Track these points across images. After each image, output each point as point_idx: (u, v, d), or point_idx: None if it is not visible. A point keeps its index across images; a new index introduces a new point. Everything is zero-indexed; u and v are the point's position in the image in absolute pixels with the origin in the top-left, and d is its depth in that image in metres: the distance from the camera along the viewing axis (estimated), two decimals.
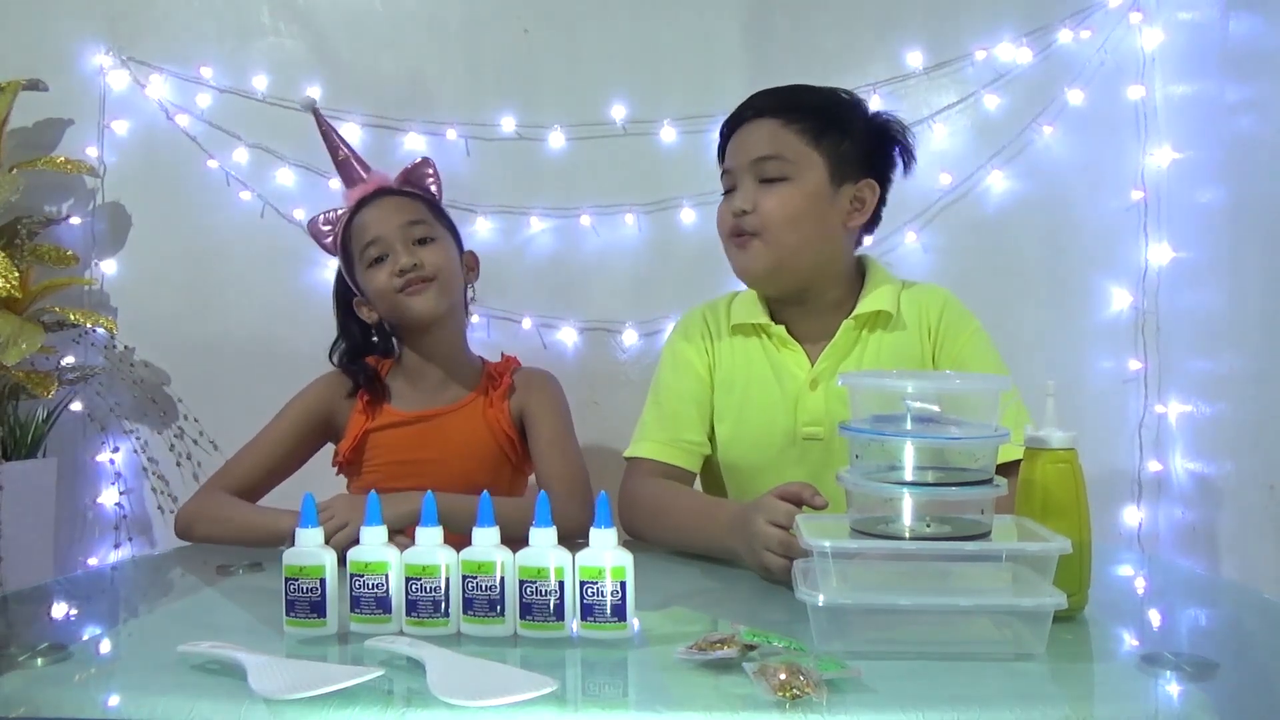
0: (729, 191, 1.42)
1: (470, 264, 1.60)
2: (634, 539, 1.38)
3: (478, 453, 1.52)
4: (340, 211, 1.57)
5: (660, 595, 1.12)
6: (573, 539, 0.95)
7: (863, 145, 1.40)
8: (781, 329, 1.43)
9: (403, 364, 1.57)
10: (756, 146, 1.38)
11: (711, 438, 1.45)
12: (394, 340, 1.59)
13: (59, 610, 1.17)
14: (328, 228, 1.57)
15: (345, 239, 1.54)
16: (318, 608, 0.92)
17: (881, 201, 1.44)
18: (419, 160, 1.59)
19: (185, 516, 1.44)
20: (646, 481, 1.39)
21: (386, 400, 1.54)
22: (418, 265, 1.47)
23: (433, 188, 1.59)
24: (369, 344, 1.59)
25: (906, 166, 1.45)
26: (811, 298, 1.42)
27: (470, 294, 1.62)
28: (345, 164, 1.59)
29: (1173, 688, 0.81)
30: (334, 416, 1.55)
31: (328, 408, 1.55)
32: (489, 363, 1.60)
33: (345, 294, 1.58)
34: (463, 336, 1.59)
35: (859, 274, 1.46)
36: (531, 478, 1.60)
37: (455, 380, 1.55)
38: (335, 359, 1.58)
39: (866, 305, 1.41)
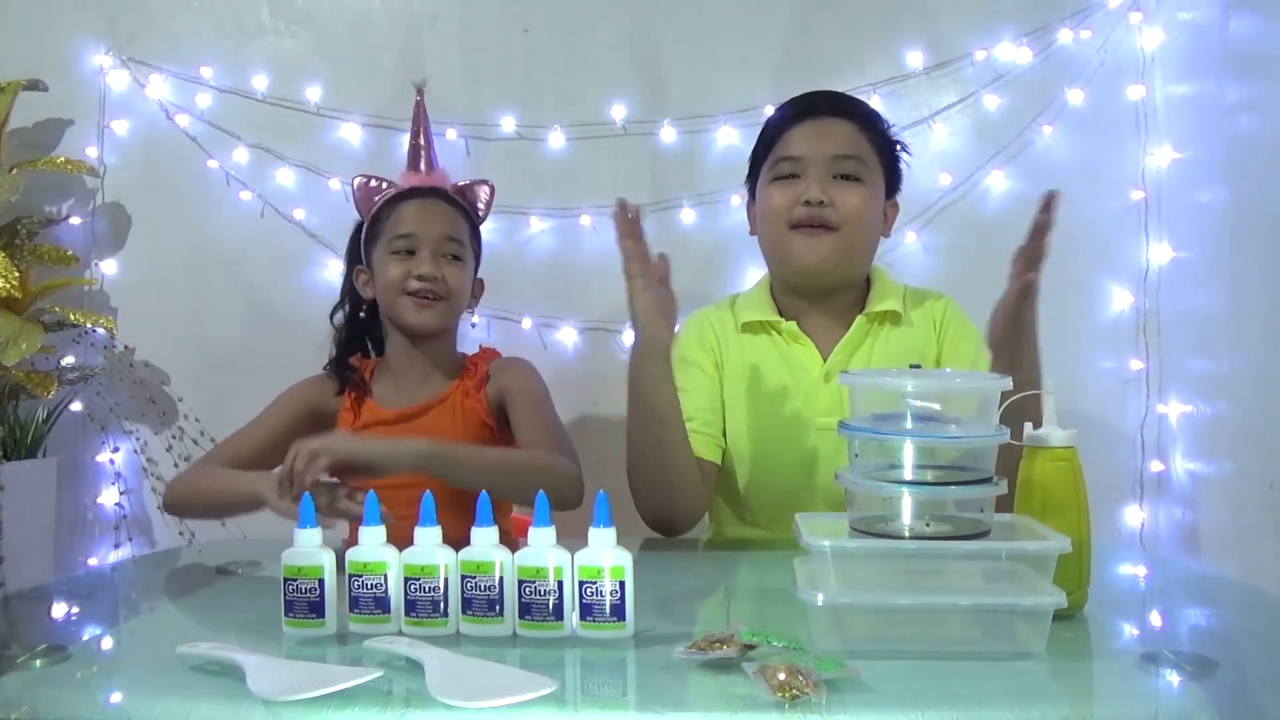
0: (783, 179, 1.43)
1: (476, 291, 1.63)
2: (660, 529, 1.38)
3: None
4: (388, 185, 1.58)
5: (660, 594, 1.12)
6: (567, 489, 0.98)
7: (895, 167, 1.49)
8: (793, 325, 1.46)
9: (388, 357, 1.58)
10: (839, 143, 1.42)
11: (723, 432, 1.46)
12: (382, 326, 1.60)
13: (59, 610, 1.17)
14: (373, 194, 1.58)
15: (380, 214, 1.55)
16: (316, 608, 0.91)
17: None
18: (481, 180, 1.62)
19: (171, 487, 1.49)
20: None
21: (370, 397, 1.56)
22: (437, 279, 1.50)
23: (480, 210, 1.62)
24: (360, 328, 1.61)
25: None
26: (832, 299, 1.47)
27: (469, 316, 1.65)
28: (414, 150, 1.63)
29: (1173, 686, 0.81)
30: (324, 412, 1.56)
31: (318, 401, 1.57)
32: (467, 356, 1.61)
33: (354, 260, 1.61)
34: (450, 346, 1.61)
35: (865, 277, 1.52)
36: None
37: (437, 376, 1.56)
38: (333, 320, 1.62)
39: (878, 304, 1.46)
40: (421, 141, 1.63)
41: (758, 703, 0.74)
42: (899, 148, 1.49)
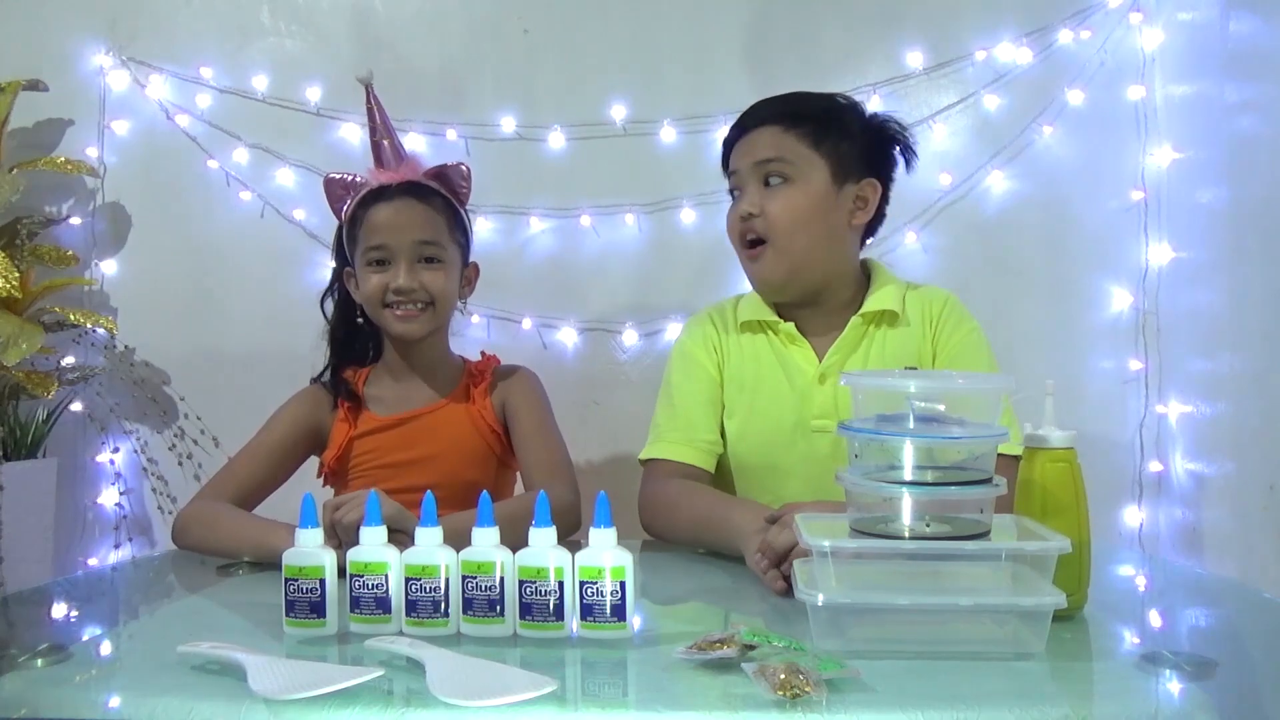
0: (732, 197, 1.46)
1: (470, 277, 1.59)
2: (656, 539, 1.40)
3: (465, 449, 1.52)
4: (360, 180, 1.52)
5: (664, 593, 1.12)
6: (562, 520, 0.96)
7: (862, 145, 1.44)
8: (790, 326, 1.46)
9: (386, 362, 1.56)
10: (760, 150, 1.42)
11: (721, 434, 1.47)
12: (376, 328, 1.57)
13: (59, 611, 1.17)
14: (342, 192, 1.53)
15: (356, 217, 1.50)
16: (317, 608, 0.92)
17: (884, 200, 1.48)
18: (455, 163, 1.55)
19: (182, 522, 1.40)
20: (665, 482, 1.41)
21: (366, 407, 1.53)
22: (415, 290, 1.46)
23: (461, 193, 1.55)
24: (357, 330, 1.58)
25: (909, 164, 1.49)
26: (823, 299, 1.46)
27: (461, 306, 1.60)
28: (379, 146, 1.54)
29: (1172, 687, 0.81)
30: (320, 426, 1.54)
31: (313, 416, 1.54)
32: (470, 361, 1.60)
33: (340, 256, 1.57)
34: (445, 342, 1.59)
35: (864, 275, 1.51)
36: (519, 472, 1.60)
37: (437, 380, 1.55)
38: (323, 306, 1.59)
39: (874, 304, 1.44)
40: (381, 136, 1.55)
41: (758, 702, 0.74)
42: (866, 128, 1.44)
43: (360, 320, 1.57)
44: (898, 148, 1.47)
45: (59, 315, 2.21)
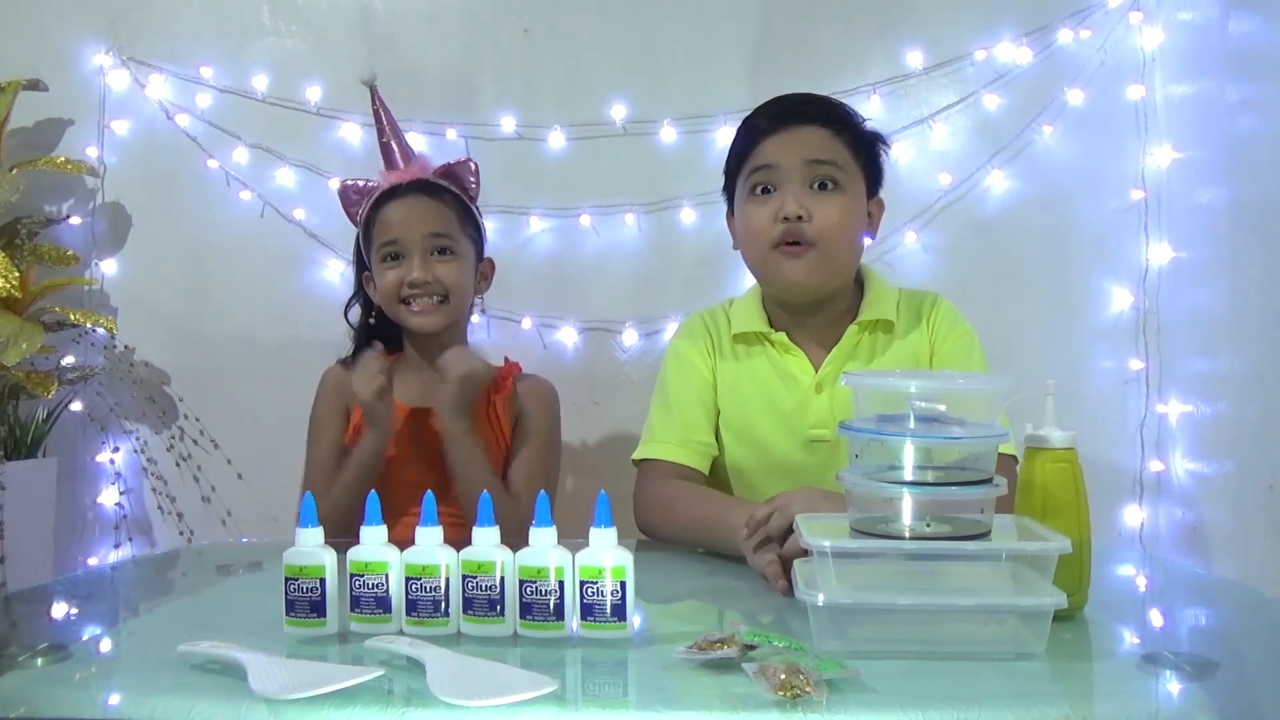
0: (760, 193, 1.40)
1: (485, 272, 1.62)
2: (651, 539, 1.40)
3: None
4: (373, 184, 1.56)
5: (662, 593, 1.12)
6: (510, 535, 0.95)
7: (875, 163, 1.45)
8: (783, 336, 1.45)
9: (407, 359, 1.59)
10: (812, 150, 1.37)
11: (717, 440, 1.47)
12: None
13: (59, 610, 1.17)
14: (357, 197, 1.57)
15: (370, 219, 1.54)
16: (317, 607, 0.92)
17: None
18: (464, 160, 1.59)
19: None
20: (661, 482, 1.41)
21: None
22: (429, 282, 1.49)
23: (471, 189, 1.59)
24: (378, 330, 1.61)
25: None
26: (826, 307, 1.45)
27: (480, 304, 1.65)
28: (387, 147, 1.58)
29: (1173, 687, 0.81)
30: (348, 406, 1.56)
31: (342, 399, 1.57)
32: (492, 366, 1.59)
33: (361, 263, 1.60)
34: (464, 339, 1.61)
35: (858, 282, 1.50)
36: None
37: None
38: (347, 316, 1.63)
39: (870, 312, 1.44)
40: (389, 138, 1.59)
41: (758, 702, 0.74)
42: (879, 143, 1.45)
43: (373, 322, 1.60)
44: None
45: (59, 315, 2.20)
